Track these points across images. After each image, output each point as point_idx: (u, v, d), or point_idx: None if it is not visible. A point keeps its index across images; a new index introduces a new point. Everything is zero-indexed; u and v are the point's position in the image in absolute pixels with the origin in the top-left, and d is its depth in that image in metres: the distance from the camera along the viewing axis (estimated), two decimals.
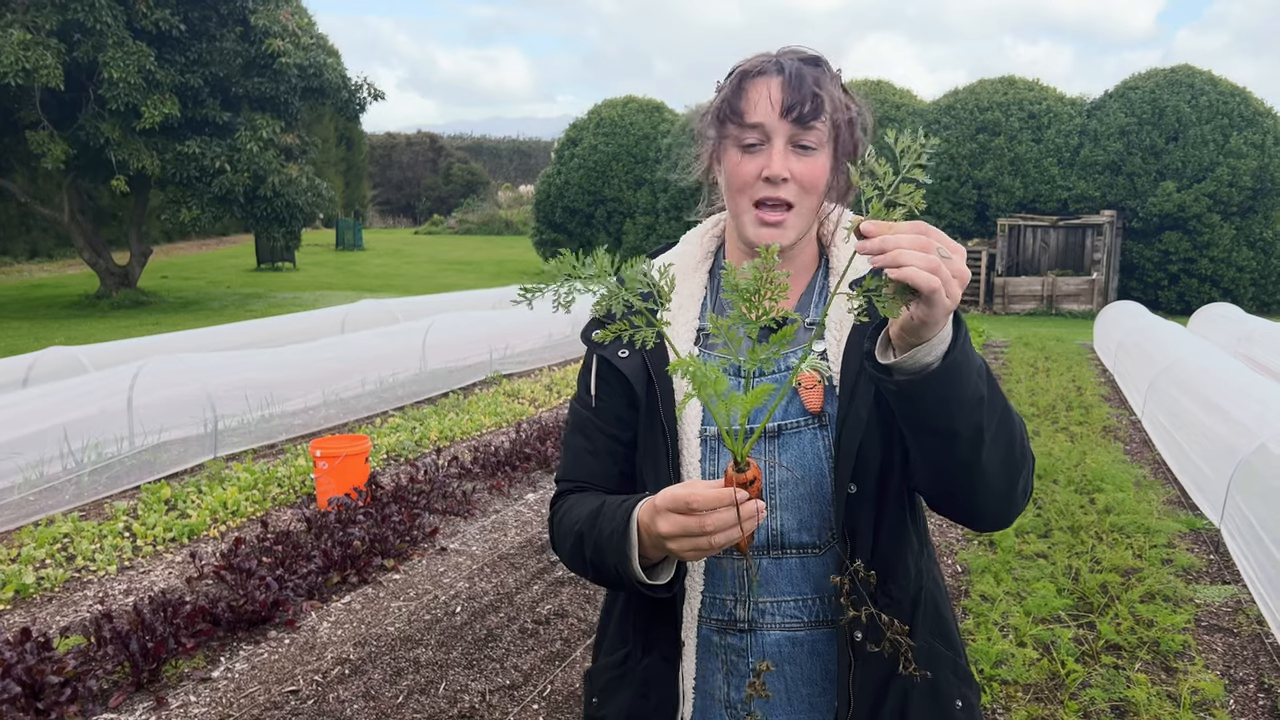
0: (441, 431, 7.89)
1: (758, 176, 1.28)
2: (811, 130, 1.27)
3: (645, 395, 1.35)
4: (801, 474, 1.32)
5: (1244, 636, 4.12)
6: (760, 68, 1.29)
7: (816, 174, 1.29)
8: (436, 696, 3.67)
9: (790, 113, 1.25)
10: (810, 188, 1.29)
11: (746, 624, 1.36)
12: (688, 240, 1.51)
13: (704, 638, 1.38)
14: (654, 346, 1.35)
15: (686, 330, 1.40)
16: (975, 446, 1.14)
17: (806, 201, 1.30)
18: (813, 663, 1.36)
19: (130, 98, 17.12)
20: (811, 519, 1.33)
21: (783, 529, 1.34)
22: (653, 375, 1.35)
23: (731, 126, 1.30)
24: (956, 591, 4.59)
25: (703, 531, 1.11)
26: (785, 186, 1.28)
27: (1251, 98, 20.54)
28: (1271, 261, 20.29)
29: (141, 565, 5.04)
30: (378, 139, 65.32)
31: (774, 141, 1.27)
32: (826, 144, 1.29)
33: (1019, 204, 21.67)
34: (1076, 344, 14.21)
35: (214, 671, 3.86)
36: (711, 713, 1.39)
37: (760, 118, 1.27)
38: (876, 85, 23.98)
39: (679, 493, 1.13)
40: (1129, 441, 7.74)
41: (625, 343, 1.36)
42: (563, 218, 27.63)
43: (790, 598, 1.36)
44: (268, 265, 30.68)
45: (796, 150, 1.28)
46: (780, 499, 1.34)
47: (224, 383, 7.36)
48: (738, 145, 1.30)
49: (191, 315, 18.06)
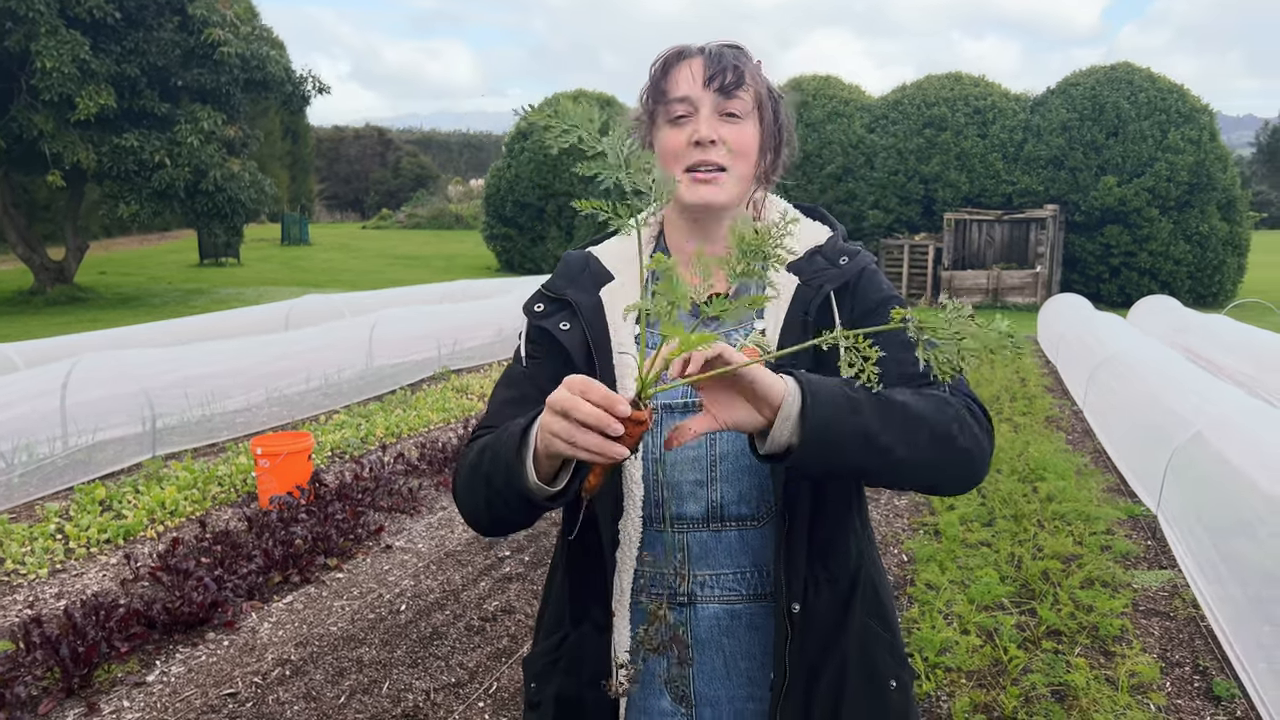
0: (388, 428, 7.78)
1: (687, 143, 1.32)
2: (736, 99, 1.32)
3: (585, 368, 1.33)
4: (743, 446, 1.32)
5: (1180, 620, 4.21)
6: (682, 51, 1.35)
7: (746, 139, 1.34)
8: (380, 696, 3.61)
9: (713, 82, 1.31)
10: (741, 151, 1.34)
11: (686, 597, 1.37)
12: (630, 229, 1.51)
13: (643, 613, 1.38)
14: (595, 319, 1.37)
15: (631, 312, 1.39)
16: (891, 465, 1.17)
17: (739, 167, 1.34)
18: (751, 637, 1.37)
19: (64, 88, 16.66)
20: (750, 491, 1.34)
21: (722, 501, 1.34)
22: (592, 347, 1.35)
23: (660, 105, 1.35)
24: (902, 580, 4.63)
25: (571, 442, 1.07)
26: (715, 149, 1.32)
27: (1188, 94, 21.06)
28: (1207, 255, 20.83)
29: (74, 568, 4.89)
30: (325, 132, 64.38)
31: (700, 110, 1.32)
32: (752, 115, 1.35)
33: (965, 198, 22.00)
34: (1021, 336, 14.44)
35: (149, 675, 3.75)
36: (652, 688, 1.39)
37: (685, 91, 1.32)
38: (825, 80, 24.16)
39: (563, 398, 1.08)
40: (1071, 431, 7.88)
41: (566, 315, 1.38)
42: (513, 212, 27.46)
43: (729, 570, 1.36)
44: (210, 261, 30.11)
45: (724, 118, 1.32)
46: (720, 471, 1.34)
47: (163, 380, 7.18)
48: (667, 120, 1.34)
49: (130, 311, 17.63)
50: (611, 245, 1.48)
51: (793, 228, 1.38)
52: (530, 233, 27.30)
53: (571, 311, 1.38)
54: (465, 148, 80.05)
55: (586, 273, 1.44)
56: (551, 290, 1.42)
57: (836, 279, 1.34)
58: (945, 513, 5.47)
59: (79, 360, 6.78)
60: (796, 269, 1.37)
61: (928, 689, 3.54)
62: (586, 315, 1.37)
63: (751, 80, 1.35)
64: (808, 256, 1.38)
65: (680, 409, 1.35)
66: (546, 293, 1.43)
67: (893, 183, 22.65)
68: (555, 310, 1.40)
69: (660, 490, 1.35)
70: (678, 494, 1.35)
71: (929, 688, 3.54)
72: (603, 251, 1.47)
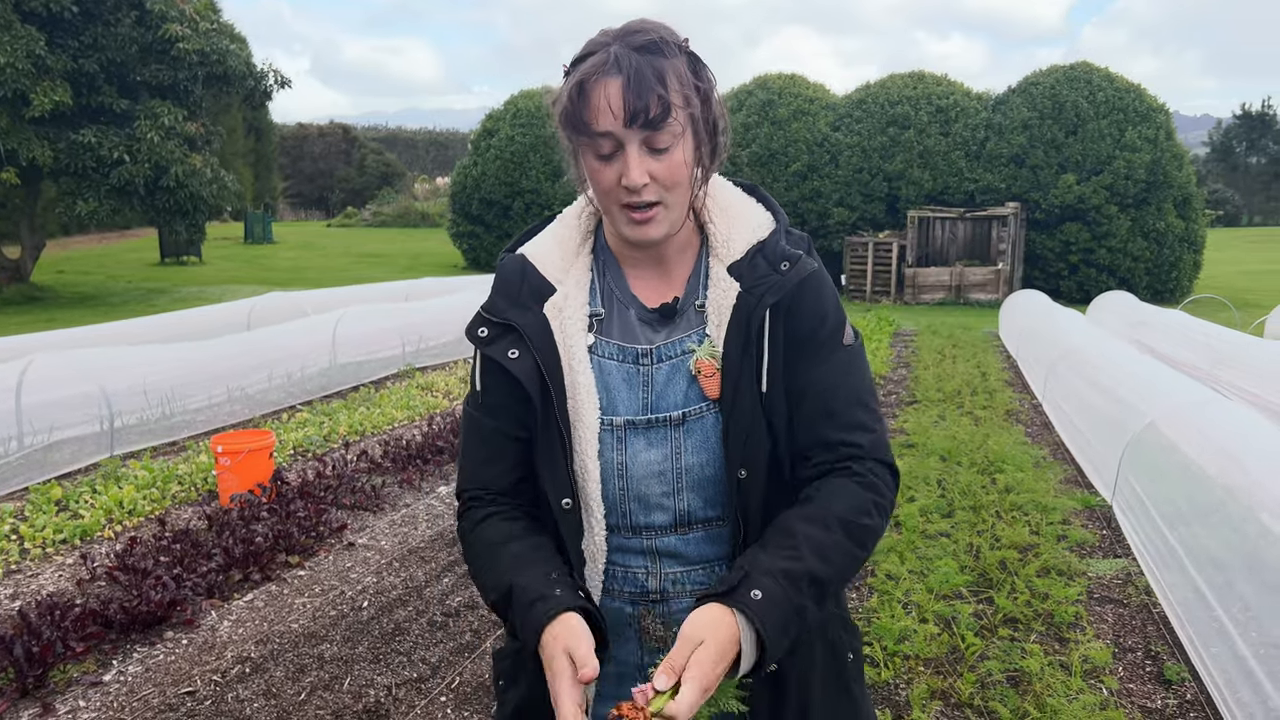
0: (351, 426, 7.73)
1: (617, 184, 1.25)
2: (664, 130, 1.21)
3: (540, 396, 1.32)
4: (707, 457, 1.33)
5: (1133, 607, 4.29)
6: (596, 70, 1.21)
7: (676, 170, 1.25)
8: (341, 692, 3.59)
9: (636, 120, 1.19)
10: (672, 184, 1.26)
11: (658, 594, 1.38)
12: (564, 222, 1.46)
13: (615, 610, 1.39)
14: (543, 343, 1.34)
15: (579, 316, 1.37)
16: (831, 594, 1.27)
17: (673, 196, 1.27)
18: None
19: (18, 84, 16.36)
20: (717, 497, 1.35)
21: (689, 509, 1.36)
22: (545, 375, 1.32)
23: (582, 136, 1.25)
24: (863, 571, 4.68)
25: None
26: (648, 189, 1.24)
27: (1145, 94, 21.42)
28: (1164, 251, 21.19)
29: (29, 569, 4.81)
30: (289, 130, 63.74)
31: (628, 149, 1.22)
32: (683, 134, 1.24)
33: (928, 196, 22.21)
34: (983, 332, 14.64)
35: (105, 675, 3.71)
36: (628, 679, 1.40)
37: (607, 126, 1.21)
38: (790, 79, 24.28)
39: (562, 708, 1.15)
40: (1030, 424, 8.00)
41: (514, 343, 1.34)
42: (480, 209, 27.34)
43: (698, 566, 1.38)
44: (172, 259, 29.70)
45: (653, 153, 1.23)
46: (688, 481, 1.35)
47: (121, 379, 7.08)
48: (593, 152, 1.25)
49: (89, 311, 17.35)
50: (547, 244, 1.42)
51: (731, 211, 1.39)
52: (497, 230, 27.18)
53: (518, 336, 1.33)
54: (431, 145, 79.56)
55: (525, 285, 1.37)
56: (493, 314, 1.36)
57: (777, 290, 1.30)
58: (905, 505, 5.53)
59: (34, 359, 6.67)
60: (738, 273, 1.33)
61: (886, 677, 3.58)
62: (534, 340, 1.33)
63: (679, 96, 1.22)
64: (749, 259, 1.34)
65: (643, 426, 1.34)
66: (488, 316, 1.36)
67: (857, 180, 22.82)
68: (500, 335, 1.35)
69: (627, 503, 1.36)
70: (645, 505, 1.36)
71: (887, 675, 3.59)
72: (538, 255, 1.41)
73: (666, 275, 1.40)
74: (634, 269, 1.41)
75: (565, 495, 1.34)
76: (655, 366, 1.35)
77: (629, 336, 1.37)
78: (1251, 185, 62.12)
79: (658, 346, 1.36)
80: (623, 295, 1.40)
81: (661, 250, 1.37)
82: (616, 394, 1.35)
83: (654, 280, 1.40)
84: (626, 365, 1.36)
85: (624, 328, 1.38)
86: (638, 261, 1.40)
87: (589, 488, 1.34)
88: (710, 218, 1.39)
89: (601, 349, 1.37)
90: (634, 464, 1.34)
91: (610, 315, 1.39)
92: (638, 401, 1.34)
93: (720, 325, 1.32)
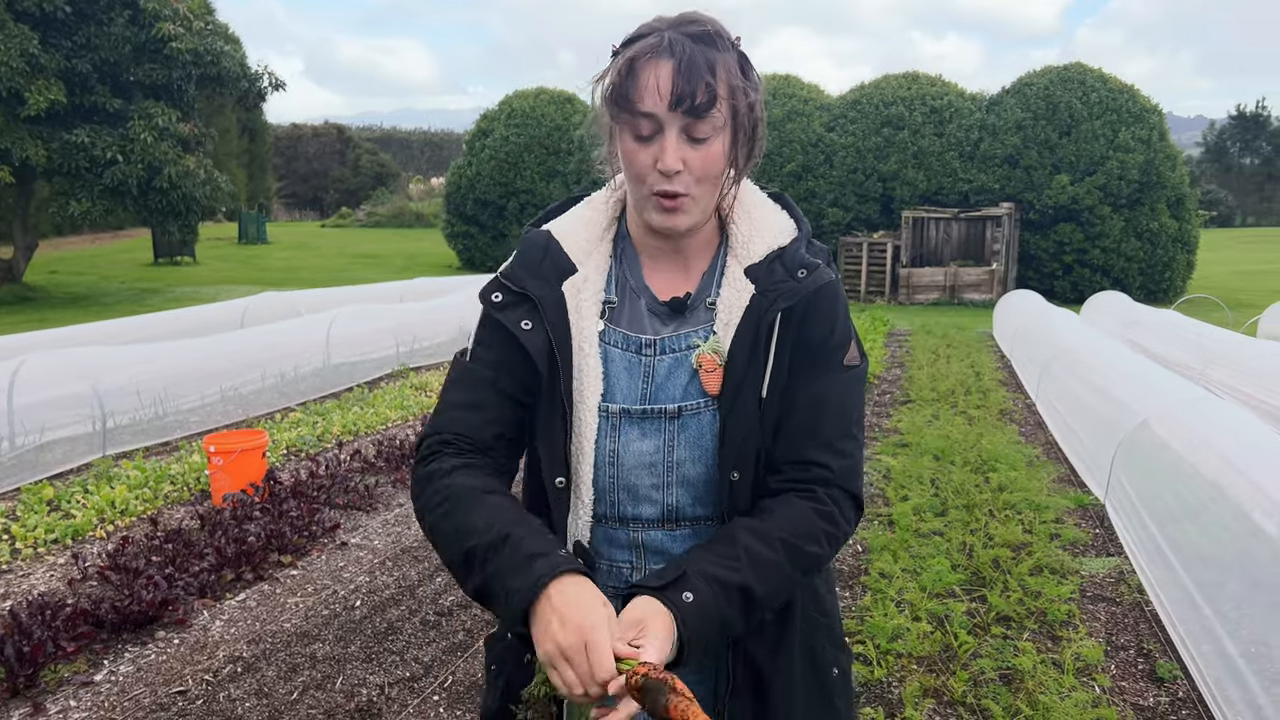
0: (345, 426, 7.72)
1: (652, 167, 1.25)
2: (706, 120, 1.22)
3: (547, 370, 1.32)
4: (699, 454, 1.33)
5: (1125, 605, 4.30)
6: (649, 51, 1.22)
7: (711, 163, 1.25)
8: (333, 691, 3.59)
9: (681, 104, 1.20)
10: (705, 177, 1.26)
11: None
12: (592, 205, 1.45)
13: None
14: (557, 319, 1.33)
15: (593, 303, 1.37)
16: (761, 610, 1.25)
17: (702, 189, 1.27)
18: None
19: (12, 82, 16.32)
20: (706, 495, 1.35)
21: (678, 504, 1.35)
22: (556, 350, 1.32)
23: (624, 113, 1.24)
24: (857, 570, 4.68)
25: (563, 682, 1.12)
26: (680, 178, 1.25)
27: (1138, 94, 21.49)
28: (1157, 251, 21.25)
29: (20, 569, 4.80)
30: (283, 130, 63.63)
31: (667, 132, 1.22)
32: (724, 127, 1.25)
33: (922, 196, 22.25)
34: (977, 332, 14.67)
35: (97, 675, 3.70)
36: None
37: (651, 107, 1.21)
38: (785, 80, 24.31)
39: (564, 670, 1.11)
40: (1024, 423, 8.01)
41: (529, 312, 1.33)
42: (474, 210, 27.32)
43: None
44: (166, 259, 29.63)
45: (691, 141, 1.23)
46: (678, 476, 1.34)
47: (114, 378, 7.06)
48: (632, 132, 1.25)
49: (82, 311, 17.29)
50: (573, 225, 1.42)
51: (755, 214, 1.39)
52: (491, 230, 27.17)
53: (533, 307, 1.33)
54: (426, 146, 79.52)
55: (547, 260, 1.37)
56: (512, 281, 1.35)
57: (791, 295, 1.30)
58: (899, 504, 5.54)
59: (26, 359, 6.65)
60: (754, 276, 1.33)
61: (879, 675, 3.58)
62: (550, 315, 1.32)
63: (725, 88, 1.23)
64: (767, 263, 1.34)
65: (638, 416, 1.34)
66: (506, 283, 1.36)
67: (851, 181, 22.86)
68: (515, 303, 1.34)
69: (616, 492, 1.36)
70: (634, 496, 1.36)
71: (880, 674, 3.59)
72: (564, 233, 1.41)
73: (683, 269, 1.40)
74: (652, 260, 1.40)
75: (559, 474, 1.34)
76: (658, 358, 1.35)
77: (636, 326, 1.37)
78: (1245, 186, 62.37)
79: (663, 338, 1.36)
80: (636, 285, 1.40)
81: (682, 243, 1.37)
82: (616, 381, 1.35)
83: (670, 273, 1.40)
84: (629, 354, 1.36)
85: (633, 317, 1.38)
86: (657, 252, 1.39)
87: (582, 469, 1.34)
88: (734, 219, 1.39)
89: (609, 336, 1.37)
90: (626, 453, 1.34)
91: (622, 304, 1.39)
92: (636, 391, 1.34)
93: (730, 325, 1.32)
